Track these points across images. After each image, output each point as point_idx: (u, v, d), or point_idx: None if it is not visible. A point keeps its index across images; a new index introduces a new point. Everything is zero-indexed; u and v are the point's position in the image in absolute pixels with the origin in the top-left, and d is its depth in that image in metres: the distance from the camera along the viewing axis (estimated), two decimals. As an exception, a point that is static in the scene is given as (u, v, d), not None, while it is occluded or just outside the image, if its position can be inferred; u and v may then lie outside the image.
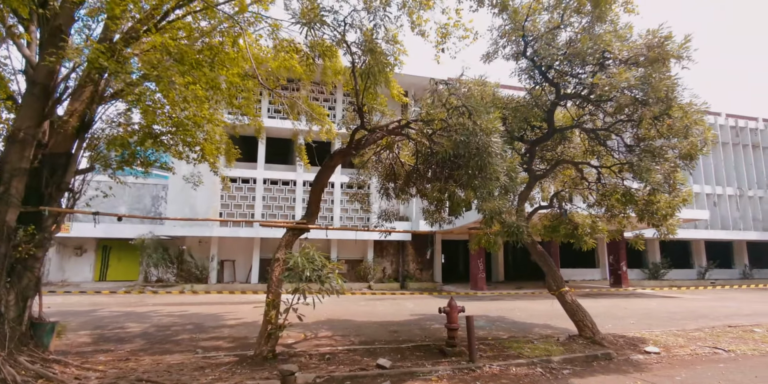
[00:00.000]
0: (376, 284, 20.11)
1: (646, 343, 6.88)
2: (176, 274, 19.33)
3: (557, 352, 6.12)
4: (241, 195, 20.13)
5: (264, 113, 20.35)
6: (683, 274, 26.24)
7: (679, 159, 6.96)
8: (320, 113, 10.59)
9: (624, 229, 8.97)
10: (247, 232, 19.15)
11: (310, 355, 6.08)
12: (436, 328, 8.80)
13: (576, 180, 9.03)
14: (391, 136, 7.08)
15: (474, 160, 5.63)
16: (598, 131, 7.76)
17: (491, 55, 8.26)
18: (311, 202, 6.86)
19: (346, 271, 20.91)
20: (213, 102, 6.40)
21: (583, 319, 7.07)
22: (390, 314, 11.19)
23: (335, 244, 20.64)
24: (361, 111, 6.18)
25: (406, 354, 6.21)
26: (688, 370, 5.48)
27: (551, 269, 7.77)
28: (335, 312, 11.31)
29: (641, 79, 5.87)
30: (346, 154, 6.62)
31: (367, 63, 5.77)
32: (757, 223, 27.67)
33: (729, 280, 25.85)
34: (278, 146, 21.58)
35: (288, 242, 6.37)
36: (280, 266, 5.96)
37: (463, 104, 5.83)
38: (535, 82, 8.25)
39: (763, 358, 6.08)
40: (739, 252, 28.37)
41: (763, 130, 29.33)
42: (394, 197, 9.63)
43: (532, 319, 10.11)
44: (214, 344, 7.34)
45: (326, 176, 6.79)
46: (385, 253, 21.67)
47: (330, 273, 5.59)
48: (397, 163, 9.00)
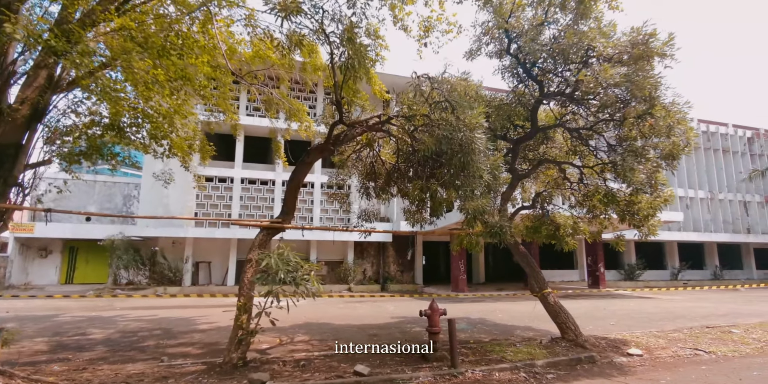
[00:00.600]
0: (356, 286, 19.78)
1: (628, 345, 6.80)
2: (148, 276, 18.58)
3: (540, 355, 5.95)
4: (217, 194, 19.53)
5: (242, 111, 19.83)
6: (657, 274, 26.81)
7: (661, 159, 6.92)
8: (299, 109, 10.26)
9: (605, 230, 8.93)
10: (223, 233, 18.56)
11: (284, 362, 5.74)
12: (417, 332, 8.57)
13: (558, 180, 8.95)
14: (371, 132, 6.83)
15: (457, 157, 5.42)
16: (581, 130, 7.68)
17: (474, 52, 8.11)
18: (287, 201, 6.53)
19: (326, 272, 20.52)
20: (182, 93, 6.01)
21: (566, 321, 6.95)
22: (370, 317, 10.90)
23: (314, 246, 20.24)
24: (340, 104, 5.90)
25: (385, 359, 5.94)
26: (672, 372, 5.38)
27: (534, 270, 7.64)
28: (313, 315, 10.96)
29: (626, 76, 5.78)
30: (323, 149, 6.32)
31: (347, 54, 5.50)
32: (727, 226, 28.53)
33: (701, 281, 26.52)
34: (257, 145, 21.07)
35: (262, 242, 6.03)
36: (253, 268, 5.62)
37: (446, 99, 5.62)
38: (519, 80, 8.14)
39: (743, 360, 6.06)
40: (710, 253, 29.18)
41: (732, 136, 30.34)
42: (374, 197, 9.38)
43: (513, 321, 9.98)
44: (182, 351, 6.91)
45: (303, 173, 6.48)
46: (365, 255, 21.37)
47: (306, 275, 5.28)
48: (377, 161, 8.75)
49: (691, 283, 25.38)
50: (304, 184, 20.52)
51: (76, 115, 5.58)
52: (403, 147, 7.99)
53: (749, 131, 31.33)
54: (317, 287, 5.32)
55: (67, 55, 3.89)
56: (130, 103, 5.40)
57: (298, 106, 10.23)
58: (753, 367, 5.58)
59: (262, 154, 22.48)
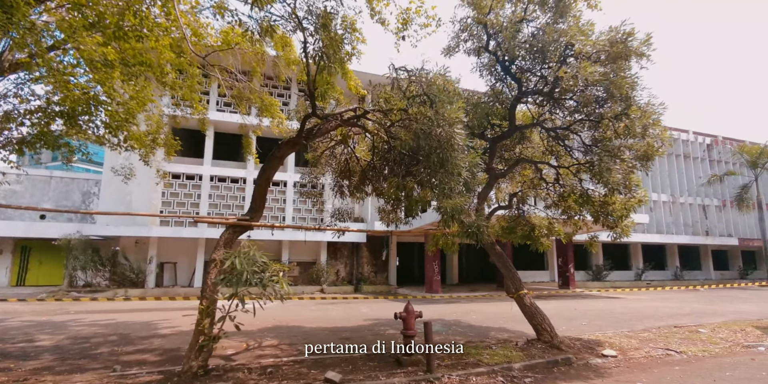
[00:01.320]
0: (329, 287, 19.39)
1: (603, 346, 6.78)
2: (108, 278, 17.59)
3: (517, 358, 5.82)
4: (185, 192, 18.73)
5: (212, 106, 19.14)
6: (623, 275, 27.62)
7: (635, 160, 6.95)
8: (272, 104, 9.86)
9: (579, 231, 8.96)
10: (190, 232, 17.79)
11: (250, 369, 5.37)
12: (391, 334, 8.33)
13: (534, 181, 8.92)
14: (346, 127, 6.55)
15: (435, 153, 5.22)
16: (558, 130, 7.65)
17: (452, 48, 7.97)
18: (256, 198, 6.16)
19: (298, 273, 20.03)
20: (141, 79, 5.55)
21: (542, 322, 6.87)
22: (342, 319, 10.59)
23: (286, 246, 19.72)
24: (313, 96, 5.60)
25: (358, 364, 5.67)
26: (647, 374, 5.35)
27: (510, 271, 7.54)
28: (283, 317, 10.55)
29: (604, 75, 5.74)
30: (295, 143, 5.99)
31: (321, 43, 5.21)
32: (687, 228, 29.76)
33: (663, 281, 27.51)
34: (228, 142, 20.36)
35: (227, 241, 5.64)
36: (217, 268, 5.24)
37: (424, 92, 5.41)
38: (497, 77, 8.04)
39: (714, 360, 6.12)
40: (671, 255, 30.32)
41: (693, 142, 31.74)
42: (348, 195, 9.11)
43: (488, 323, 9.89)
44: (138, 358, 6.41)
45: (273, 168, 6.12)
46: (339, 256, 21.00)
47: (274, 276, 4.94)
48: (352, 158, 8.48)
49: (653, 284, 26.28)
50: (276, 183, 19.99)
51: (19, 100, 5.04)
52: (379, 144, 7.75)
53: (708, 138, 32.85)
54: (286, 289, 4.99)
55: (7, 31, 3.43)
56: (83, 88, 4.91)
57: (271, 101, 9.83)
58: (725, 368, 5.62)
59: (233, 151, 21.75)
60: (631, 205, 7.25)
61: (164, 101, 10.73)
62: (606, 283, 25.25)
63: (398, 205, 8.79)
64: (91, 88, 5.02)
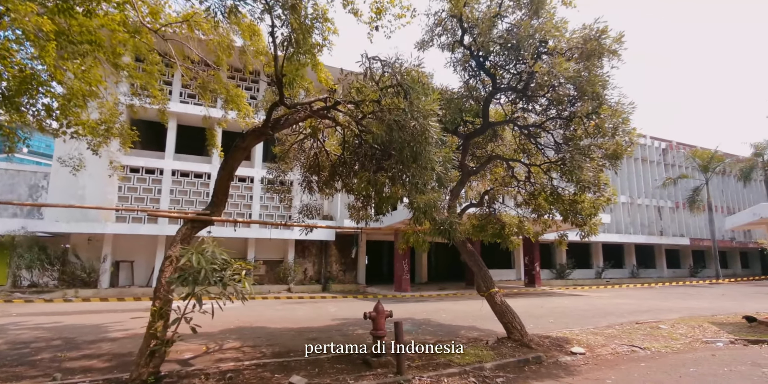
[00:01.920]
0: (296, 286, 18.92)
1: (571, 344, 6.81)
2: (57, 277, 16.44)
3: (488, 357, 5.72)
4: (144, 187, 17.76)
5: (175, 97, 18.25)
6: (584, 273, 28.54)
7: (605, 159, 7.03)
8: (238, 96, 9.39)
9: (548, 230, 9.03)
10: (149, 229, 16.88)
11: (207, 375, 5.00)
12: (360, 335, 8.09)
13: (506, 178, 8.91)
14: (315, 118, 6.25)
15: (409, 147, 5.03)
16: (530, 128, 7.64)
17: (426, 42, 7.81)
18: (217, 191, 5.77)
19: (265, 272, 19.45)
20: (89, 58, 5.05)
21: (512, 320, 6.82)
22: (310, 319, 10.25)
23: (252, 244, 19.09)
24: (281, 82, 5.27)
25: (325, 367, 5.40)
26: (615, 371, 5.37)
27: (481, 270, 7.47)
28: (247, 318, 10.09)
29: (578, 71, 5.73)
30: (261, 134, 5.64)
31: (290, 25, 4.90)
32: (644, 228, 31.13)
33: (621, 279, 28.63)
34: (192, 135, 19.45)
35: (185, 237, 5.24)
36: (172, 266, 4.84)
37: (398, 83, 5.20)
38: (471, 74, 7.96)
39: (677, 356, 6.25)
40: (629, 254, 31.62)
41: (650, 146, 33.28)
42: (317, 191, 8.82)
43: (457, 321, 9.83)
44: (83, 365, 5.89)
45: (236, 160, 5.75)
46: (307, 254, 20.55)
47: (236, 274, 4.60)
48: (321, 152, 8.19)
49: (612, 281, 27.30)
50: (243, 179, 19.32)
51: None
52: (350, 138, 7.50)
53: (664, 143, 34.51)
54: (249, 289, 4.65)
55: None
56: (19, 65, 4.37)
57: (237, 92, 9.36)
58: (688, 364, 5.73)
59: (197, 145, 20.82)
60: (599, 203, 7.33)
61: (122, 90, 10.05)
62: (569, 281, 26.00)
63: (369, 202, 8.57)
64: (30, 65, 4.49)
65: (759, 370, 5.28)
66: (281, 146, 8.64)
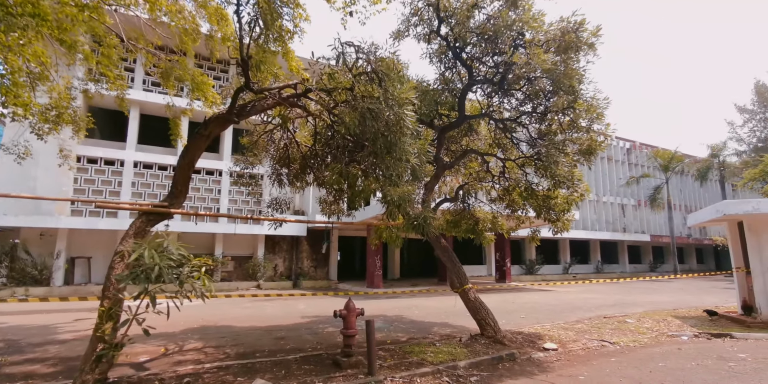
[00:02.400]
0: (266, 283, 18.42)
1: (543, 339, 6.78)
2: (6, 275, 15.31)
3: (462, 355, 5.58)
4: (103, 179, 16.79)
5: (137, 85, 17.32)
6: (552, 269, 29.26)
7: (579, 154, 7.02)
8: (204, 83, 8.87)
9: (522, 226, 9.02)
10: (109, 224, 15.97)
11: (162, 380, 4.63)
12: (330, 333, 7.83)
13: (481, 173, 8.83)
14: (284, 106, 5.91)
15: (383, 137, 4.80)
16: (506, 122, 7.55)
17: (402, 32, 7.59)
18: (177, 181, 5.36)
19: (233, 268, 18.84)
20: (30, 33, 4.53)
21: (486, 317, 6.73)
22: (278, 317, 9.90)
23: (220, 239, 18.44)
24: (246, 64, 4.91)
25: (292, 368, 5.12)
26: (587, 366, 5.34)
27: (455, 266, 7.34)
28: (212, 316, 9.65)
29: (556, 64, 5.63)
30: (225, 120, 5.26)
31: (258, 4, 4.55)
32: (609, 225, 32.21)
33: (587, 274, 29.52)
34: (157, 126, 18.51)
35: (139, 231, 4.81)
36: (124, 262, 4.43)
37: (372, 70, 4.95)
38: (447, 65, 7.79)
39: (645, 350, 6.31)
40: (594, 250, 32.63)
41: (615, 146, 34.40)
42: (287, 185, 8.48)
43: (430, 318, 9.71)
44: (25, 370, 5.37)
45: (197, 149, 5.35)
46: (277, 250, 20.05)
47: (195, 271, 4.25)
48: (292, 144, 7.84)
49: (578, 277, 28.09)
50: (211, 172, 18.62)
51: None
52: (322, 130, 7.21)
53: (628, 143, 35.75)
54: (209, 286, 4.30)
55: None
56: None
57: (203, 79, 8.83)
58: (656, 358, 5.78)
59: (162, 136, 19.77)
60: (573, 199, 7.34)
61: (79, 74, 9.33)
62: (538, 276, 26.54)
63: (341, 196, 8.30)
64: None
65: (725, 365, 5.37)
66: (250, 137, 8.25)
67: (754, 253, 8.50)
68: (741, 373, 4.96)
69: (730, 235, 9.78)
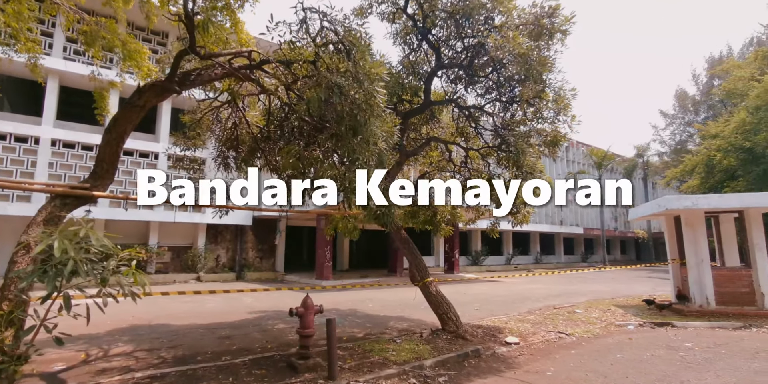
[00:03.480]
0: (207, 275, 17.23)
1: (503, 332, 6.70)
2: None
3: (426, 352, 5.29)
4: (12, 158, 14.65)
5: (57, 52, 15.25)
6: (496, 260, 30.26)
7: (543, 146, 6.93)
8: (137, 51, 7.78)
9: (481, 217, 8.91)
10: (21, 209, 13.98)
11: (80, 395, 3.88)
12: (281, 330, 7.25)
13: (441, 163, 8.57)
14: (235, 78, 5.20)
15: (350, 116, 4.30)
16: (472, 109, 7.30)
17: (365, 10, 7.05)
18: (102, 159, 4.51)
19: (170, 259, 17.43)
20: None
21: (447, 311, 6.50)
22: (222, 313, 9.11)
23: (156, 228, 16.93)
24: (192, 22, 4.15)
25: (241, 374, 4.54)
26: (551, 361, 5.27)
27: (416, 258, 7.04)
28: (146, 314, 8.64)
29: (531, 48, 5.40)
30: (164, 90, 4.47)
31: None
32: (548, 218, 33.87)
33: (527, 265, 30.91)
34: (82, 101, 16.45)
35: (51, 217, 3.95)
36: (29, 256, 3.60)
37: (340, 40, 4.41)
38: (412, 47, 7.38)
39: (599, 341, 6.42)
40: (534, 241, 34.23)
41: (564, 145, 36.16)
42: (234, 169, 7.73)
43: (385, 311, 9.41)
44: None
45: (128, 121, 4.51)
46: (220, 239, 18.82)
47: (122, 265, 3.54)
48: (242, 123, 7.08)
49: (520, 267, 29.34)
50: (146, 154, 16.96)
51: None
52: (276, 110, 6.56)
53: (566, 141, 37.73)
54: (141, 281, 3.60)
55: None
56: None
57: (137, 46, 7.74)
58: (612, 350, 5.86)
59: (88, 113, 17.72)
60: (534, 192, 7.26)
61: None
62: (483, 267, 27.30)
63: (298, 181, 7.65)
64: None
65: (676, 354, 5.53)
66: (192, 115, 7.37)
67: (690, 246, 9.02)
68: (694, 364, 5.10)
69: (666, 228, 10.36)
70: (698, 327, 7.40)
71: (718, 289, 8.72)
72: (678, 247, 9.92)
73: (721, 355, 5.50)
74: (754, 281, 8.62)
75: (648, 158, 40.65)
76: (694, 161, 21.95)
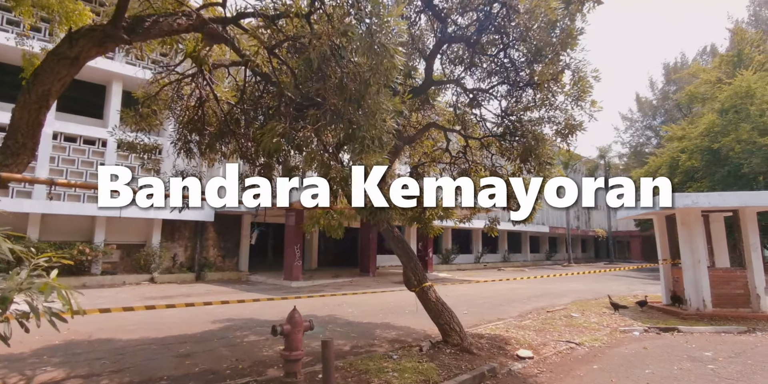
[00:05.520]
0: (162, 275, 15.63)
1: (509, 343, 5.96)
2: None
3: (432, 373, 4.43)
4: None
5: (-15, 19, 13.19)
6: (466, 258, 30.03)
7: (556, 135, 6.24)
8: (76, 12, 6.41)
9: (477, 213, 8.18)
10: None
11: None
12: (254, 343, 6.17)
13: (436, 153, 7.75)
14: (201, 32, 4.10)
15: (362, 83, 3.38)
16: (476, 91, 6.51)
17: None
18: (16, 128, 3.31)
19: (119, 258, 15.69)
20: None
21: (450, 321, 5.66)
22: (181, 323, 7.90)
23: (102, 223, 15.13)
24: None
25: (205, 412, 3.50)
26: (577, 380, 4.56)
27: (411, 260, 6.19)
28: (86, 326, 7.24)
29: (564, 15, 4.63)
30: (105, 37, 3.31)
31: None
32: (516, 217, 34.10)
33: (495, 263, 30.92)
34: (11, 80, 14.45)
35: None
36: None
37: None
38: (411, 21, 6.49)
39: (613, 351, 5.81)
40: (502, 240, 34.36)
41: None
42: (198, 155, 6.62)
43: (367, 317, 8.49)
44: None
45: (55, 77, 3.32)
46: (177, 237, 17.20)
47: (35, 276, 2.44)
48: (209, 100, 5.94)
49: (489, 266, 29.26)
50: (91, 141, 15.10)
51: None
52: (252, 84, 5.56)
53: (537, 140, 38.21)
54: (69, 299, 2.51)
55: None
56: None
57: (75, 6, 6.39)
58: (633, 362, 5.25)
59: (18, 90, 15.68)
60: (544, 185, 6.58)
61: None
62: (453, 266, 26.93)
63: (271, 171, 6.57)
64: None
65: (705, 367, 4.99)
66: (147, 89, 6.17)
67: (686, 246, 8.70)
68: (731, 379, 4.55)
69: (658, 228, 10.06)
70: (704, 332, 7.01)
71: (713, 290, 8.44)
72: (670, 247, 9.64)
73: (750, 367, 5.02)
74: (749, 282, 8.40)
75: (609, 159, 41.99)
76: (659, 162, 22.48)
